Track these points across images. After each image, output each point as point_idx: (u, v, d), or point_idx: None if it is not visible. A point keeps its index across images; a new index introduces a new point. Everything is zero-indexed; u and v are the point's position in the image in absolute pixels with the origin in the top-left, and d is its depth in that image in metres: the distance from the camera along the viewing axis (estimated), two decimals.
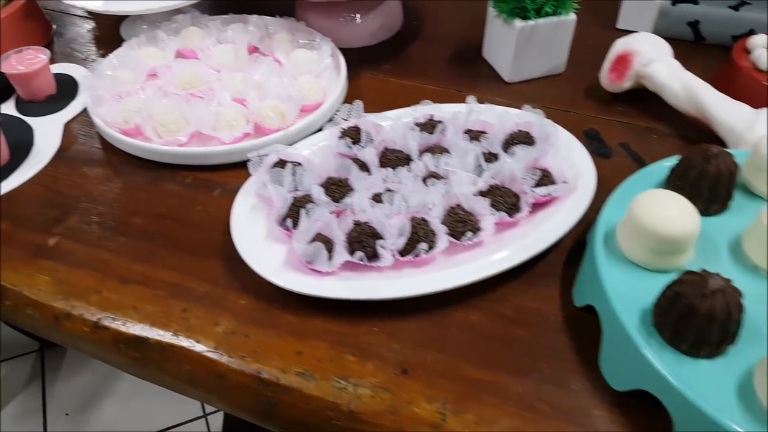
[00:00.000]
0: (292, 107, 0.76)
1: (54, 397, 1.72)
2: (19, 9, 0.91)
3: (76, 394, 1.72)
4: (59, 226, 0.67)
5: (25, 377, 1.78)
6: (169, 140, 0.73)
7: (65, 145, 0.77)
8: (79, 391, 1.73)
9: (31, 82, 0.81)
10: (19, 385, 1.75)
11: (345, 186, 0.65)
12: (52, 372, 1.79)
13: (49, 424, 1.66)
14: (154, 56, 0.85)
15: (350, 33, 0.93)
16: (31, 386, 1.75)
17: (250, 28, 0.89)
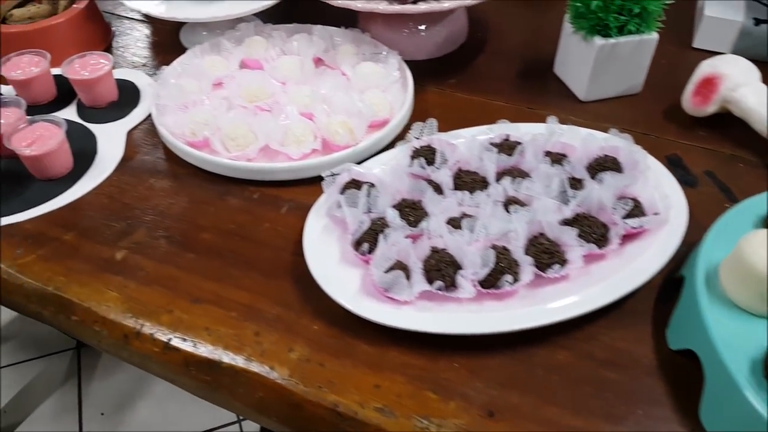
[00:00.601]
0: (360, 123, 0.74)
1: (90, 396, 1.73)
2: (81, 12, 0.91)
3: (112, 394, 1.72)
4: (126, 239, 0.65)
5: (61, 375, 1.79)
6: (237, 155, 0.71)
7: (129, 155, 0.76)
8: (114, 391, 1.73)
9: (95, 88, 0.80)
10: (56, 382, 1.76)
11: (419, 209, 0.62)
12: (88, 371, 1.80)
13: (84, 423, 1.66)
14: (219, 66, 0.83)
15: (415, 45, 0.91)
16: (67, 384, 1.76)
17: (314, 39, 0.87)
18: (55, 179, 0.71)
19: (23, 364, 1.79)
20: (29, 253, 0.64)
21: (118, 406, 1.71)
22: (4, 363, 1.76)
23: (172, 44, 0.96)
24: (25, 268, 0.63)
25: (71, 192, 0.70)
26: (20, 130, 0.70)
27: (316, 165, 0.71)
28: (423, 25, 0.90)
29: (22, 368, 1.78)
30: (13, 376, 1.75)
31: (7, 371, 1.75)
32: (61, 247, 0.65)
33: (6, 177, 0.71)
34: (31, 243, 0.65)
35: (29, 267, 0.63)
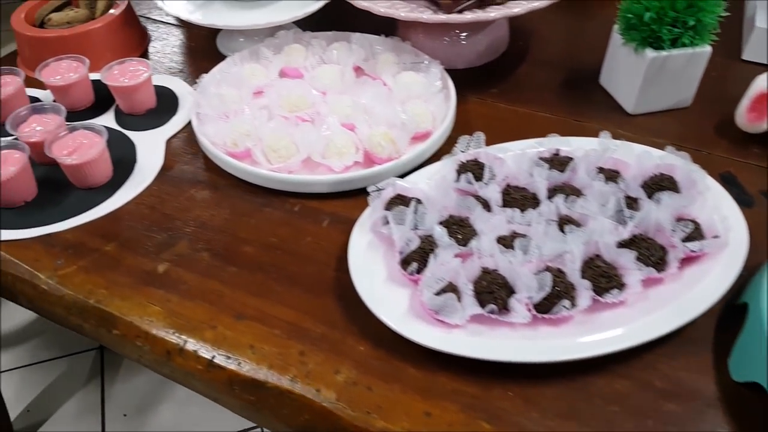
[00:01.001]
0: (403, 135, 0.72)
1: (112, 397, 1.73)
2: (119, 17, 0.90)
3: (135, 395, 1.72)
4: (168, 251, 0.64)
5: (84, 375, 1.79)
6: (279, 166, 0.70)
7: (168, 164, 0.75)
8: (137, 392, 1.73)
9: (134, 96, 0.79)
10: (79, 382, 1.76)
11: (467, 226, 0.60)
12: (111, 371, 1.80)
13: (107, 424, 1.66)
14: (258, 74, 0.82)
15: (455, 53, 0.89)
16: (90, 384, 1.76)
17: (353, 48, 0.85)
18: (95, 188, 0.70)
19: (47, 363, 1.79)
20: (70, 264, 0.63)
21: (141, 408, 1.70)
22: (28, 362, 1.77)
23: (208, 50, 0.95)
24: (66, 280, 0.62)
25: (111, 201, 0.69)
26: (60, 138, 0.69)
27: (358, 178, 0.69)
28: (465, 34, 0.89)
29: (45, 367, 1.78)
30: (37, 375, 1.76)
31: (31, 370, 1.76)
32: (102, 259, 0.64)
33: (45, 185, 0.71)
34: (72, 254, 0.64)
35: (70, 278, 0.62)
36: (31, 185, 0.69)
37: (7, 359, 1.68)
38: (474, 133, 0.69)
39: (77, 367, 1.79)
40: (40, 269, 0.63)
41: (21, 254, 0.64)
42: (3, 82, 0.78)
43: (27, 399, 1.67)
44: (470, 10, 0.78)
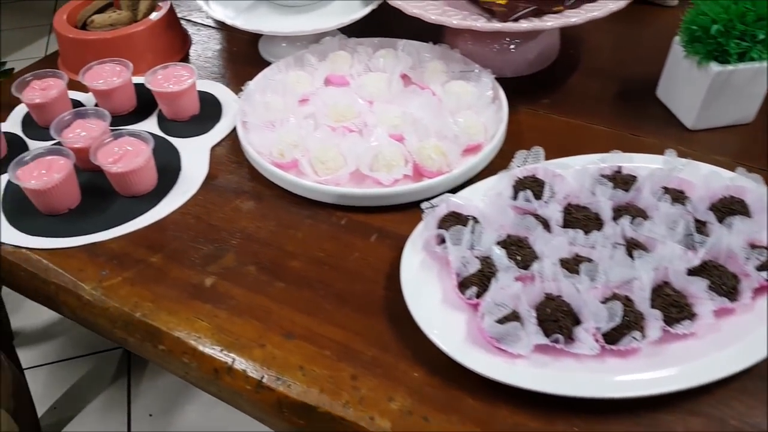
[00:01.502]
0: (454, 148, 0.69)
1: (139, 397, 1.73)
2: (161, 20, 0.89)
3: (160, 396, 1.71)
4: (215, 264, 0.63)
5: (111, 373, 1.79)
6: (327, 179, 0.68)
7: (213, 173, 0.73)
8: (163, 392, 1.73)
9: (178, 102, 0.77)
10: (106, 380, 1.76)
11: (526, 247, 0.58)
12: (137, 370, 1.80)
13: (133, 423, 1.66)
14: (303, 81, 0.80)
15: (505, 61, 0.86)
16: (117, 383, 1.76)
17: (400, 55, 0.83)
18: (139, 196, 0.69)
19: (74, 361, 1.80)
20: (115, 275, 0.62)
21: (167, 409, 1.70)
22: (55, 359, 1.78)
23: (250, 55, 0.93)
24: (111, 292, 0.61)
25: (156, 210, 0.68)
26: (105, 144, 0.68)
27: (408, 192, 0.67)
28: (515, 41, 0.86)
29: (72, 365, 1.79)
30: (64, 372, 1.76)
31: (59, 367, 1.77)
32: (147, 270, 0.62)
33: (88, 191, 0.69)
34: (117, 264, 0.63)
35: (115, 290, 0.61)
36: (75, 192, 0.67)
37: (34, 356, 1.69)
38: (532, 148, 0.66)
39: (104, 366, 1.80)
40: (84, 279, 0.62)
41: (65, 263, 0.63)
42: (46, 85, 0.77)
43: (54, 396, 1.67)
44: (526, 19, 0.75)
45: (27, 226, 0.66)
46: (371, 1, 0.87)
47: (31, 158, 0.66)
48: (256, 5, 0.88)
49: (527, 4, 0.76)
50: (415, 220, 0.65)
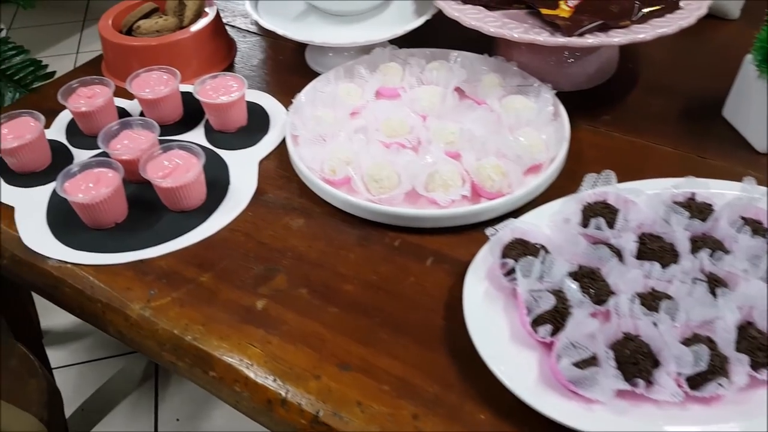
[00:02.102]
0: (516, 168, 0.66)
1: (166, 400, 1.72)
2: (208, 27, 0.87)
3: (188, 400, 1.70)
4: (266, 285, 0.60)
5: (139, 376, 1.79)
6: (382, 198, 0.65)
7: (262, 187, 0.71)
8: (190, 396, 1.72)
9: (228, 113, 0.75)
10: (134, 383, 1.76)
11: (599, 280, 0.54)
12: (165, 373, 1.79)
13: (160, 426, 1.65)
14: (354, 94, 0.78)
15: (563, 75, 0.82)
16: (144, 386, 1.76)
17: (454, 67, 0.80)
18: (188, 211, 0.67)
19: (102, 362, 1.80)
20: (164, 294, 0.60)
21: (194, 413, 1.69)
22: (84, 359, 1.78)
23: (296, 64, 0.90)
24: (160, 312, 0.58)
25: (206, 227, 0.65)
26: (155, 157, 0.66)
27: (466, 214, 0.64)
28: (575, 55, 0.82)
29: (100, 366, 1.79)
30: (93, 373, 1.76)
31: (87, 368, 1.76)
32: (197, 290, 0.60)
33: (135, 205, 0.67)
34: (165, 283, 0.61)
35: (164, 311, 0.58)
36: (122, 206, 0.65)
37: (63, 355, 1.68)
38: (602, 172, 0.63)
39: (132, 368, 1.79)
40: (132, 299, 0.59)
41: (112, 281, 0.61)
42: (92, 93, 0.75)
43: (81, 397, 1.67)
44: (591, 33, 0.72)
45: (73, 240, 0.64)
46: (424, 11, 0.84)
47: (79, 170, 0.64)
48: (305, 14, 0.86)
49: (593, 18, 0.72)
50: (472, 244, 0.63)
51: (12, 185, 0.70)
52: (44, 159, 0.72)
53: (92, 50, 2.70)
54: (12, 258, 0.65)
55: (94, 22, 2.93)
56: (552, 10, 0.74)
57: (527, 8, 0.79)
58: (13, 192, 0.70)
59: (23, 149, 0.69)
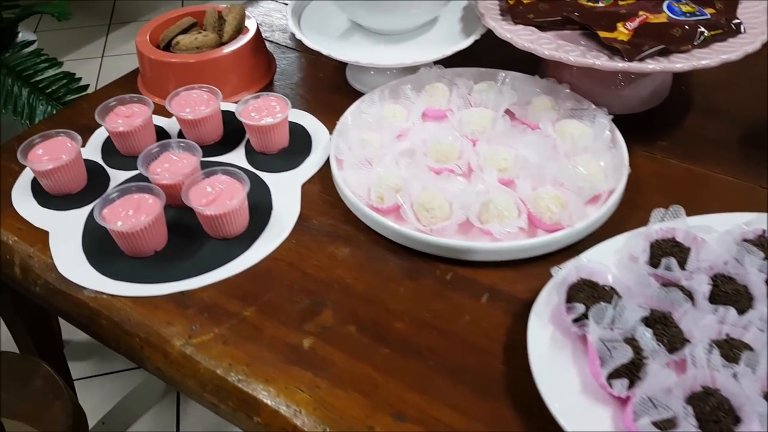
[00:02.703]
0: (576, 200, 0.63)
1: (188, 413, 1.69)
2: (248, 44, 0.84)
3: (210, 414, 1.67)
4: (312, 321, 0.57)
5: (160, 388, 1.76)
6: (434, 229, 0.62)
7: (305, 213, 0.68)
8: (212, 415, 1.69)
9: (270, 135, 0.72)
10: (155, 396, 1.73)
11: (672, 326, 0.50)
12: None
13: None
14: (399, 116, 0.74)
15: (615, 98, 0.79)
16: (166, 399, 1.73)
17: (504, 89, 0.76)
18: (231, 238, 0.64)
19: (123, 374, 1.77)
20: (206, 330, 0.57)
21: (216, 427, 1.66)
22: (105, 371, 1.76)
23: (337, 82, 0.87)
24: (203, 350, 0.55)
25: (249, 255, 0.62)
26: (197, 183, 0.63)
27: (524, 248, 0.61)
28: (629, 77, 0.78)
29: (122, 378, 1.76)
30: (114, 385, 1.74)
31: (108, 380, 1.74)
32: (241, 326, 0.57)
33: (175, 231, 0.64)
34: (208, 318, 0.58)
35: (206, 348, 0.55)
36: (163, 234, 0.63)
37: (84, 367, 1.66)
38: (670, 207, 0.59)
39: (154, 381, 1.76)
40: (172, 334, 0.56)
41: (151, 314, 0.58)
42: (131, 113, 0.72)
43: (103, 410, 1.65)
44: (652, 58, 0.68)
45: (110, 268, 0.61)
46: (473, 30, 0.80)
47: (118, 195, 0.62)
48: (349, 32, 0.83)
49: (653, 43, 0.68)
50: (530, 279, 0.59)
51: (46, 208, 0.68)
52: (80, 181, 0.69)
53: (118, 53, 2.70)
54: (45, 286, 0.63)
55: (120, 25, 2.93)
56: (610, 33, 0.71)
57: (581, 29, 0.75)
58: (47, 215, 0.67)
59: (59, 171, 0.66)
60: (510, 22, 0.76)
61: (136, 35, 0.86)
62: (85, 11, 3.07)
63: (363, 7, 0.76)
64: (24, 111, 0.94)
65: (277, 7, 1.08)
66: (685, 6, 0.73)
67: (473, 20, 0.83)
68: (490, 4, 0.79)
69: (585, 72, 0.78)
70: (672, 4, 0.73)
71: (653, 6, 0.73)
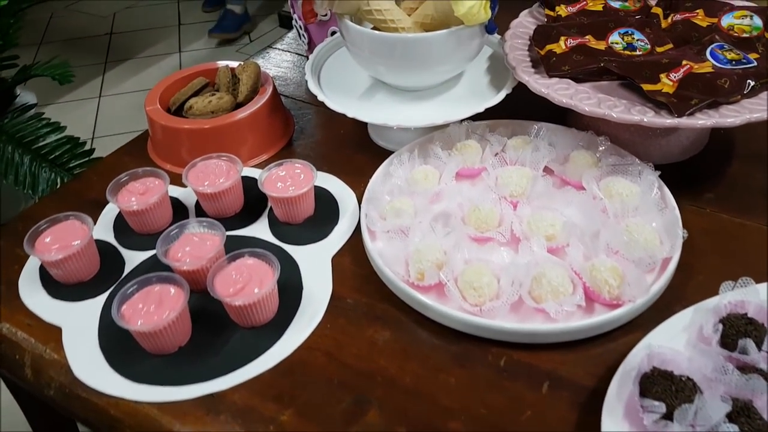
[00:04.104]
0: (635, 271, 0.57)
1: None
2: (266, 105, 0.79)
3: None
4: (357, 424, 0.51)
5: None
6: (484, 309, 0.56)
7: (338, 291, 0.63)
8: None
9: (296, 206, 0.67)
10: None
11: (756, 417, 0.45)
12: None
13: None
14: (432, 178, 0.70)
15: (655, 147, 0.74)
16: None
17: (540, 145, 0.72)
18: (259, 326, 0.58)
19: None
20: None
21: None
22: None
23: (359, 139, 0.83)
24: None
25: (281, 347, 0.57)
26: (222, 268, 0.58)
27: (583, 328, 0.56)
28: None
29: None
30: None
31: None
32: None
33: (199, 320, 0.58)
34: (242, 424, 0.52)
35: None
36: (187, 328, 0.57)
37: None
38: (740, 279, 0.54)
39: None
40: None
41: (181, 421, 0.52)
42: (145, 189, 0.66)
43: None
44: (701, 111, 0.64)
45: (131, 369, 0.55)
46: (502, 84, 0.76)
47: (137, 288, 0.56)
48: (372, 90, 0.79)
49: (702, 96, 0.64)
50: (591, 362, 0.55)
51: (57, 299, 0.62)
52: (93, 267, 0.64)
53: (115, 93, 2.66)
54: (60, 390, 0.57)
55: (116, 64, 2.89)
56: (653, 85, 0.67)
57: (619, 79, 0.71)
58: (58, 308, 0.62)
59: (70, 260, 0.61)
60: (543, 74, 0.72)
61: (132, 74, 0.81)
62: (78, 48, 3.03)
63: (386, 66, 0.72)
64: (26, 180, 0.89)
65: (292, 59, 1.04)
66: (729, 53, 0.69)
67: (501, 71, 0.79)
68: (520, 56, 0.75)
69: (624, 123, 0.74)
70: (715, 50, 0.69)
71: (696, 53, 0.69)
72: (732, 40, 0.73)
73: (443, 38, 0.68)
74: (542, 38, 0.75)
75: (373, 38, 0.70)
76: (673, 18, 0.78)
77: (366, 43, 0.71)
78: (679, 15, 0.78)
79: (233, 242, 0.65)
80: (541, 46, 0.74)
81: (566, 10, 0.81)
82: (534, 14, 0.84)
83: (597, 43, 0.74)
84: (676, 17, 0.78)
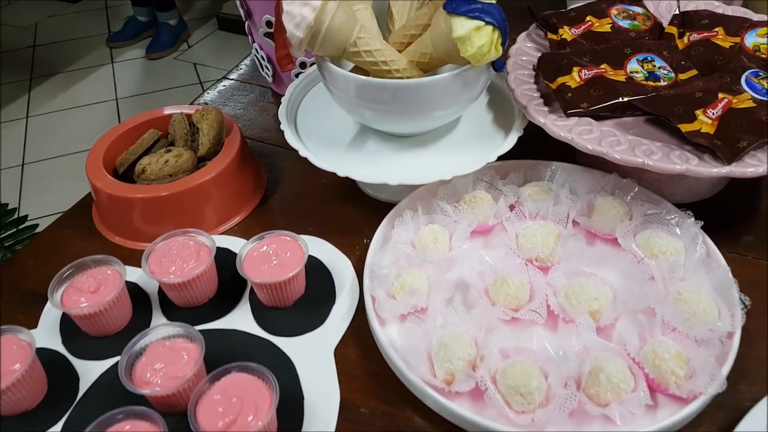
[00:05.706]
0: (703, 354, 0.49)
1: None
2: (233, 162, 0.66)
3: None
4: None
5: None
6: (536, 420, 0.46)
7: (348, 398, 0.51)
8: None
9: (285, 290, 0.55)
10: None
11: None
12: None
13: None
14: (442, 240, 0.59)
15: (684, 188, 0.66)
16: None
17: (561, 193, 0.62)
18: None
19: None
20: None
21: None
22: None
23: (346, 188, 0.71)
24: None
25: None
26: (204, 393, 0.45)
27: None
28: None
29: None
30: None
31: None
32: None
33: None
34: None
35: None
36: None
37: None
38: None
39: None
40: None
41: None
42: (96, 285, 0.53)
43: None
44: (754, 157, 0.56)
45: None
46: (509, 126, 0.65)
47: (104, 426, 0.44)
48: (360, 137, 0.67)
49: (751, 137, 0.55)
50: None
51: None
52: (38, 390, 0.50)
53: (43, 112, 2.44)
54: None
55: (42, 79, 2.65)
56: (689, 125, 0.58)
57: (644, 114, 0.63)
58: None
59: (10, 390, 0.47)
60: (557, 111, 0.63)
61: (61, 90, 0.66)
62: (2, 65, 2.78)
63: (380, 113, 0.60)
64: None
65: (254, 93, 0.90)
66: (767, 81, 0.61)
67: (505, 106, 0.69)
68: (527, 90, 0.65)
69: None
70: (751, 79, 0.61)
71: (729, 84, 0.61)
72: (761, 63, 0.65)
73: (448, 82, 0.57)
74: (551, 69, 0.66)
75: (364, 85, 0.58)
76: (690, 38, 0.70)
77: (353, 89, 0.59)
78: (696, 34, 0.70)
79: (210, 337, 0.52)
80: (551, 79, 0.65)
81: (571, 32, 0.71)
82: (533, 38, 0.75)
83: (615, 73, 0.65)
84: (693, 37, 0.70)
